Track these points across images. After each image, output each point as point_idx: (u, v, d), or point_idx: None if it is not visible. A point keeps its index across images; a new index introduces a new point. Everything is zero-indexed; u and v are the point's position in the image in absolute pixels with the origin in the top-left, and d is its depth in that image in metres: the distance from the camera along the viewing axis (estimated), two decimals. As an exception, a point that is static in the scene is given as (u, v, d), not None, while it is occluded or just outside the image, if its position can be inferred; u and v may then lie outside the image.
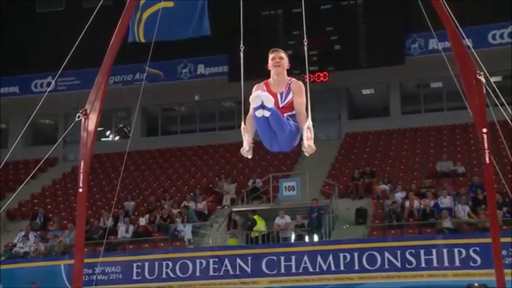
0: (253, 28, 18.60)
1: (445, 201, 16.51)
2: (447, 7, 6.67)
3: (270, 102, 5.19)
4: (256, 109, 5.24)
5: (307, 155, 5.72)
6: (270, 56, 5.66)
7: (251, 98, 5.21)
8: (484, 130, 6.52)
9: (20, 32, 25.72)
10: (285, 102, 5.61)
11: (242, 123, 5.71)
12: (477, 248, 14.14)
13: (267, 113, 5.24)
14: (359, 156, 21.80)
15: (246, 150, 5.74)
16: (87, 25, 7.44)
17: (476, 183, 17.17)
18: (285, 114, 5.56)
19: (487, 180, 6.76)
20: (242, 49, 6.13)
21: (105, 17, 9.02)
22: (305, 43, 6.10)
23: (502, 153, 16.29)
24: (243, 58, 6.07)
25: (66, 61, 7.61)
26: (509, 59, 19.97)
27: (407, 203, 16.81)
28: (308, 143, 5.53)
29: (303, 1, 6.57)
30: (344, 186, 19.54)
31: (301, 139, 5.59)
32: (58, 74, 9.91)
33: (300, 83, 5.67)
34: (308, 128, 5.52)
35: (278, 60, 5.61)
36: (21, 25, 25.85)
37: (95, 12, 7.56)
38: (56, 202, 22.04)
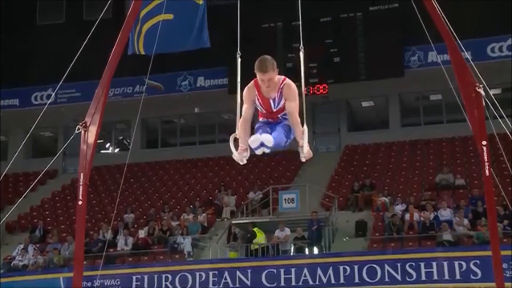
0: (253, 41, 18.64)
1: (445, 213, 16.49)
2: (446, 20, 6.69)
3: (269, 142, 5.21)
4: (255, 148, 5.25)
5: (304, 160, 5.63)
6: (258, 75, 5.40)
7: (250, 142, 5.24)
8: (484, 142, 6.51)
9: (21, 44, 25.77)
10: (279, 106, 5.55)
11: (237, 129, 5.59)
12: (478, 261, 14.12)
13: (267, 150, 5.26)
14: (359, 168, 21.78)
15: (236, 156, 5.56)
16: (88, 37, 7.45)
17: (476, 195, 17.15)
18: (279, 115, 5.59)
19: (487, 192, 6.74)
20: (239, 55, 6.11)
21: (105, 29, 9.06)
22: (301, 49, 6.01)
23: (502, 165, 16.31)
24: (243, 71, 6.03)
25: (66, 73, 7.61)
26: (509, 72, 20.01)
27: (407, 216, 16.78)
28: (307, 148, 5.45)
29: (299, 9, 6.50)
30: (344, 198, 19.52)
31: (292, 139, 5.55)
32: (58, 87, 9.91)
33: (292, 86, 5.51)
34: (304, 133, 5.44)
35: (268, 85, 5.43)
36: (21, 38, 25.92)
37: (95, 24, 7.58)
38: (55, 215, 22.00)
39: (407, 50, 22.28)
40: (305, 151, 5.45)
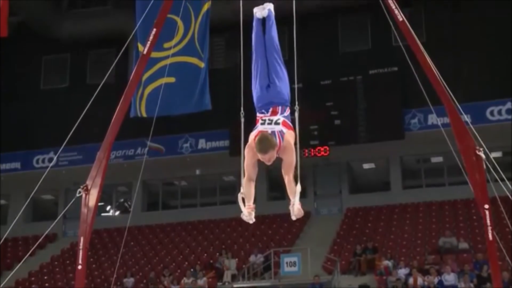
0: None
1: (449, 278, 16.26)
2: (445, 84, 6.76)
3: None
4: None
5: (294, 219, 5.66)
6: (259, 155, 5.56)
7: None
8: (486, 206, 6.46)
9: (24, 107, 26.04)
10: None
11: (242, 187, 5.68)
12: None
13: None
14: (361, 231, 21.61)
15: (246, 215, 5.66)
16: (90, 101, 7.51)
17: (480, 260, 16.94)
18: None
19: (491, 258, 6.64)
20: (242, 115, 6.17)
21: (108, 93, 9.16)
22: (296, 109, 6.16)
23: (505, 229, 16.14)
24: (244, 132, 6.08)
25: (68, 136, 7.63)
26: (508, 135, 20.07)
27: (410, 280, 16.55)
28: (298, 207, 5.49)
29: (295, 71, 6.60)
30: (346, 261, 19.29)
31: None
32: (60, 150, 9.93)
33: (288, 147, 5.62)
34: (296, 192, 5.51)
35: (268, 160, 5.57)
36: (25, 101, 26.21)
37: (98, 89, 7.66)
38: (54, 280, 21.66)
39: (407, 113, 22.43)
40: (296, 210, 5.46)
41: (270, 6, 6.42)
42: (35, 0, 24.73)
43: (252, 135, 5.70)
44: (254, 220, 5.66)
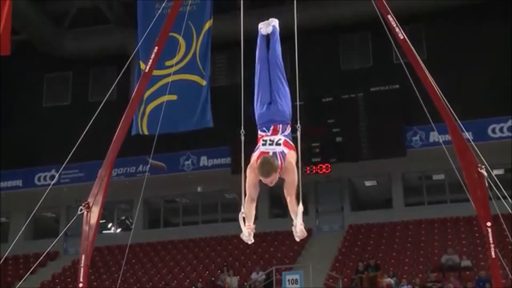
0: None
1: (452, 295, 16.18)
2: (446, 101, 6.77)
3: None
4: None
5: (298, 240, 5.65)
6: (261, 177, 5.61)
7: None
8: (489, 223, 6.44)
9: (26, 125, 26.08)
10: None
11: (242, 207, 5.67)
12: None
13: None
14: (363, 248, 21.53)
15: (246, 235, 5.64)
16: (92, 119, 7.52)
17: (483, 277, 16.86)
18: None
19: (494, 276, 6.61)
20: (242, 134, 6.18)
21: (110, 111, 9.17)
22: (298, 128, 6.17)
23: (508, 247, 16.10)
24: (246, 149, 6.09)
25: (70, 154, 7.63)
26: (510, 152, 20.05)
27: (413, 297, 16.47)
28: (301, 227, 5.47)
29: (297, 89, 6.59)
30: (348, 279, 19.20)
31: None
32: (62, 168, 9.92)
33: (289, 168, 5.64)
34: (298, 212, 5.51)
35: (270, 182, 5.63)
36: (27, 119, 26.26)
37: (100, 106, 7.67)
38: (54, 298, 21.59)
39: (408, 130, 22.43)
40: (299, 230, 5.44)
41: (275, 22, 6.37)
42: (37, 18, 24.88)
43: (254, 156, 5.71)
44: (253, 240, 5.65)
